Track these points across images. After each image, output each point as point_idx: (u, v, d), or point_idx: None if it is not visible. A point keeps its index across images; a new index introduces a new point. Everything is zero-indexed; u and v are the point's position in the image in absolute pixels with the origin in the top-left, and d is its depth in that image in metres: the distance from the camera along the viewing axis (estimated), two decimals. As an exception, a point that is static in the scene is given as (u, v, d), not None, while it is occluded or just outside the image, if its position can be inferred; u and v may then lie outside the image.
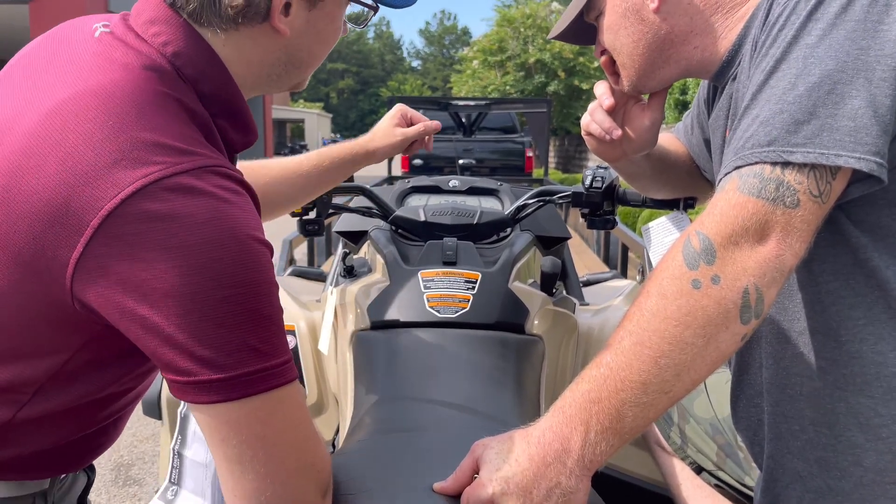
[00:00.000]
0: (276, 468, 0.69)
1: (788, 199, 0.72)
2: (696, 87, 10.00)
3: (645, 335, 0.72)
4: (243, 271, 0.66)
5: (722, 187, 0.75)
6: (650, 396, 0.72)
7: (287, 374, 0.70)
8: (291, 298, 1.64)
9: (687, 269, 0.73)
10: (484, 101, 8.25)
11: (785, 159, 0.72)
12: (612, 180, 1.40)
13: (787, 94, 0.73)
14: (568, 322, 1.43)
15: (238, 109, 0.81)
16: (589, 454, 0.73)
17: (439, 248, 1.34)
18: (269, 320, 0.68)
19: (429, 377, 1.13)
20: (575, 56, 19.38)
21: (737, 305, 0.71)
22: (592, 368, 0.75)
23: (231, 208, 0.68)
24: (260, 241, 0.69)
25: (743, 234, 0.72)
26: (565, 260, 1.83)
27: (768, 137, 0.73)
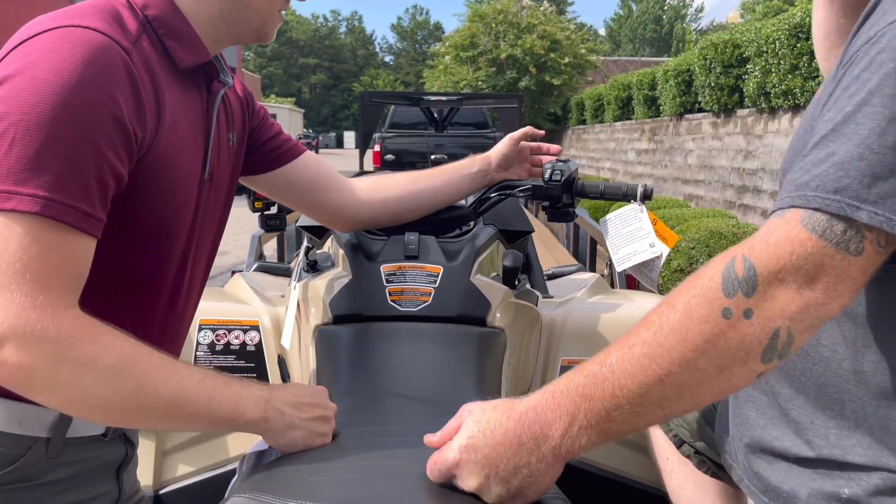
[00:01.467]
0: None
1: (853, 246, 0.67)
2: (664, 83, 10.11)
3: (658, 351, 0.70)
4: (37, 100, 0.75)
5: (783, 214, 0.70)
6: (645, 408, 0.71)
7: (26, 206, 0.73)
8: (256, 293, 1.64)
9: (721, 294, 0.68)
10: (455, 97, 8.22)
11: (848, 215, 0.66)
12: (571, 173, 1.42)
13: (874, 140, 0.67)
14: (530, 314, 1.44)
15: (181, 30, 0.93)
16: (567, 445, 0.72)
17: (401, 242, 1.34)
18: (41, 152, 0.74)
19: (390, 370, 1.14)
20: (546, 52, 19.47)
21: (762, 345, 0.68)
22: (594, 364, 0.73)
23: (61, 54, 0.77)
24: (70, 86, 0.76)
25: (793, 273, 0.67)
26: (529, 253, 1.85)
27: (837, 184, 0.67)
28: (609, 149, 14.18)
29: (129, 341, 0.80)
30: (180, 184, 0.92)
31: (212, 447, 1.44)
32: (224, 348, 1.50)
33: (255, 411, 0.87)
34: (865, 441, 0.81)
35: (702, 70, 8.47)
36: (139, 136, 0.83)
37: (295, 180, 1.27)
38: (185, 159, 0.93)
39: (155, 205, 0.89)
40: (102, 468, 0.96)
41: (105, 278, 0.87)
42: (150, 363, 0.80)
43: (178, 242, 0.96)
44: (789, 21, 6.47)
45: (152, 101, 0.85)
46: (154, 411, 0.80)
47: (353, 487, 0.75)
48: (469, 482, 0.74)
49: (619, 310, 1.59)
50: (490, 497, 0.74)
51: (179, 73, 0.93)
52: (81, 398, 0.77)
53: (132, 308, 0.93)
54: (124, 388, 0.78)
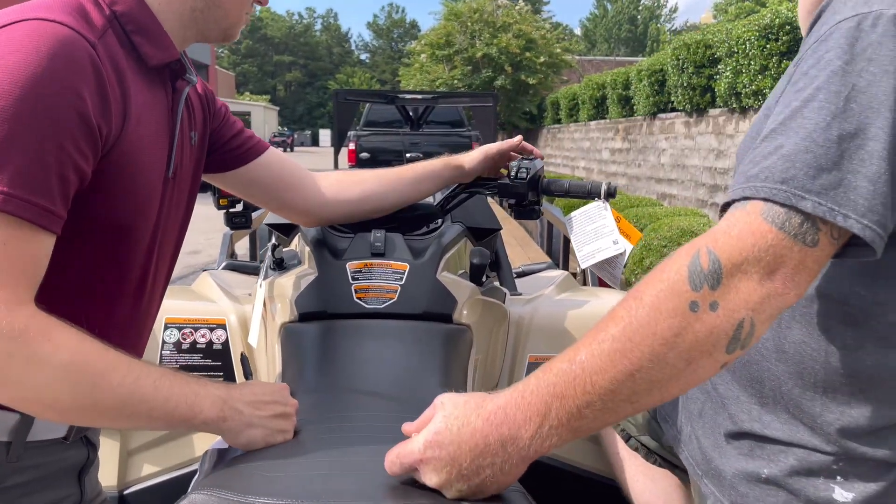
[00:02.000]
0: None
1: (809, 238, 0.69)
2: (638, 83, 10.20)
3: (628, 346, 0.70)
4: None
5: (743, 206, 0.71)
6: (616, 404, 0.71)
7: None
8: (223, 292, 1.63)
9: (688, 287, 0.70)
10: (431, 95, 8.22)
11: (794, 204, 0.69)
12: (537, 171, 1.43)
13: (819, 134, 0.70)
14: (497, 311, 1.45)
15: (149, 27, 0.92)
16: (536, 445, 0.72)
17: (367, 239, 1.34)
18: (1, 146, 0.73)
19: (355, 368, 1.14)
20: (522, 51, 19.53)
21: (728, 336, 0.70)
22: (563, 362, 0.73)
23: (21, 42, 0.76)
24: (34, 80, 0.75)
25: (754, 264, 0.69)
26: (498, 251, 1.86)
27: (784, 175, 0.70)
28: (584, 148, 14.27)
29: (84, 339, 0.79)
30: (144, 181, 0.91)
31: (176, 447, 1.43)
32: (190, 347, 1.49)
33: (212, 411, 0.86)
34: (782, 417, 0.84)
35: (674, 70, 8.55)
36: (104, 132, 0.82)
37: (259, 178, 1.26)
38: (149, 157, 0.92)
39: (119, 202, 0.88)
40: (64, 472, 0.94)
41: (66, 277, 0.86)
42: (104, 361, 0.79)
43: (141, 241, 0.95)
44: (759, 22, 6.56)
45: (118, 98, 0.84)
46: (108, 410, 0.79)
47: (313, 483, 0.76)
48: (431, 478, 0.74)
49: (587, 306, 1.60)
50: (450, 493, 0.75)
51: (146, 70, 0.93)
52: (34, 396, 0.76)
53: (94, 307, 0.92)
54: (77, 387, 0.77)
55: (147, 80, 0.93)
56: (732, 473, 0.88)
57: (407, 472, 0.76)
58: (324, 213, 1.34)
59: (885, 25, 0.71)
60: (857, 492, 0.81)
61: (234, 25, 1.02)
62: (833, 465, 0.82)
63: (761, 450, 0.86)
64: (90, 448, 0.99)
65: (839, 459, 0.82)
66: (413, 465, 0.75)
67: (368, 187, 1.36)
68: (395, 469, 0.77)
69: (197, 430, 0.88)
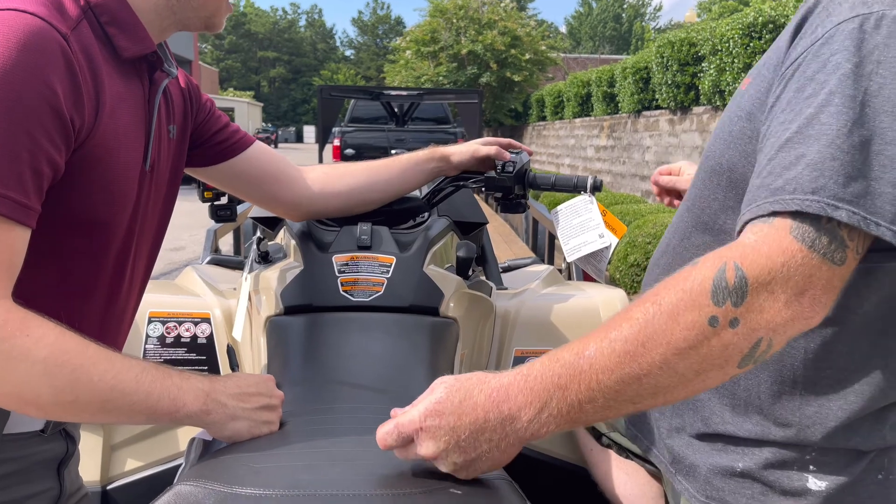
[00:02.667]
0: None
1: (838, 256, 0.68)
2: (622, 81, 10.25)
3: (639, 350, 0.69)
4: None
5: (770, 222, 0.70)
6: (618, 403, 0.72)
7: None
8: (208, 286, 1.62)
9: (710, 301, 0.68)
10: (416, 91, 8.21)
11: (828, 214, 0.67)
12: (523, 165, 1.43)
13: (843, 140, 0.68)
14: (484, 305, 1.45)
15: (124, 18, 0.91)
16: (532, 429, 0.73)
17: (354, 232, 1.34)
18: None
19: (341, 360, 1.13)
20: (507, 48, 19.55)
21: (742, 353, 0.69)
22: (570, 354, 0.73)
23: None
24: (4, 71, 0.74)
25: (782, 284, 0.67)
26: (484, 245, 1.86)
27: (814, 185, 0.68)
28: (569, 145, 14.31)
29: (63, 334, 0.78)
30: (120, 174, 0.91)
31: (160, 441, 1.42)
32: (174, 341, 1.48)
33: (196, 404, 0.86)
34: (755, 418, 0.85)
35: (659, 68, 8.60)
36: (76, 123, 0.81)
37: (245, 172, 1.25)
38: (124, 149, 0.91)
39: (94, 195, 0.87)
40: (42, 465, 0.94)
41: (41, 271, 0.85)
42: (84, 356, 0.78)
43: (117, 234, 0.94)
44: (742, 21, 6.61)
45: (91, 89, 0.83)
46: (89, 405, 0.79)
47: (300, 474, 0.75)
48: (427, 447, 0.73)
49: (572, 300, 1.61)
50: (445, 464, 0.74)
51: (121, 62, 0.91)
52: (13, 392, 0.75)
53: (69, 301, 0.91)
54: (57, 382, 0.76)
55: (122, 72, 0.91)
56: (707, 469, 0.88)
57: (403, 442, 0.75)
58: (311, 207, 1.33)
59: (889, 26, 0.71)
60: (830, 480, 0.82)
61: (214, 14, 1.01)
62: (806, 456, 0.83)
63: (734, 446, 0.87)
64: (69, 441, 0.98)
65: (812, 451, 0.83)
66: (411, 433, 0.74)
67: (355, 180, 1.36)
68: (389, 440, 0.75)
69: (180, 423, 0.87)
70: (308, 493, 0.70)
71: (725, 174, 0.87)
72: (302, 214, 1.35)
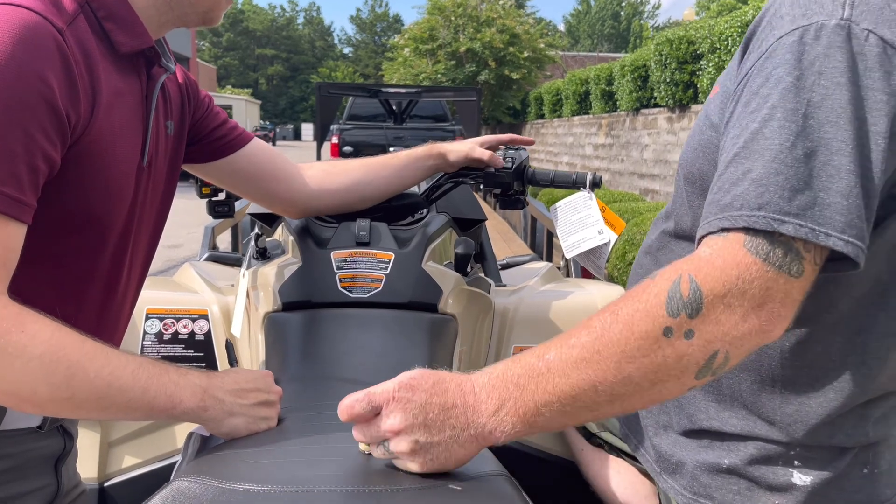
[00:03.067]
0: None
1: (795, 268, 0.68)
2: (621, 79, 10.25)
3: (595, 357, 0.71)
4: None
5: (724, 236, 0.70)
6: (575, 409, 0.72)
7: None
8: (205, 283, 1.61)
9: (665, 312, 0.69)
10: (414, 89, 8.21)
11: (775, 228, 0.68)
12: (523, 161, 1.43)
13: (786, 154, 0.69)
14: (482, 301, 1.45)
15: (122, 13, 0.90)
16: (491, 426, 0.73)
17: (352, 228, 1.34)
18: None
19: (340, 356, 1.13)
20: (505, 46, 19.53)
21: (698, 365, 0.69)
22: (532, 356, 0.74)
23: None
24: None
25: (738, 298, 0.68)
26: (483, 242, 1.86)
27: (760, 200, 0.69)
28: (567, 143, 14.31)
29: (59, 329, 0.77)
30: (116, 170, 0.90)
31: (158, 438, 1.42)
32: (172, 337, 1.48)
33: (193, 400, 0.85)
34: (740, 413, 0.86)
35: (657, 66, 8.60)
36: (72, 119, 0.81)
37: (244, 168, 1.25)
38: (121, 145, 0.91)
39: (90, 191, 0.87)
40: (39, 461, 0.93)
41: (37, 267, 0.85)
42: (81, 353, 0.77)
43: (114, 230, 0.94)
44: (741, 19, 6.61)
45: (87, 85, 0.83)
46: (86, 402, 0.78)
47: (297, 469, 0.75)
48: (395, 419, 0.73)
49: (571, 297, 1.61)
50: (406, 442, 0.73)
51: (119, 57, 0.91)
52: (9, 389, 0.75)
53: (65, 297, 0.90)
54: (54, 379, 0.75)
55: (120, 67, 0.91)
56: (693, 465, 0.89)
57: (368, 412, 0.75)
58: (309, 204, 1.33)
59: (828, 36, 0.71)
60: (814, 475, 0.82)
61: (213, 8, 1.01)
62: (791, 451, 0.83)
63: (720, 442, 0.87)
64: (66, 437, 0.98)
65: (797, 447, 0.83)
66: (381, 403, 0.74)
67: (353, 177, 1.35)
68: (356, 407, 0.75)
69: (177, 420, 0.87)
70: (306, 489, 0.70)
71: (698, 182, 0.88)
72: (300, 211, 1.34)
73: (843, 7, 0.72)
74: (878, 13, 0.72)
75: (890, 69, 0.70)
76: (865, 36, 0.71)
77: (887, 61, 0.70)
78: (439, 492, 0.73)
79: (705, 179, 0.85)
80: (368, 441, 0.76)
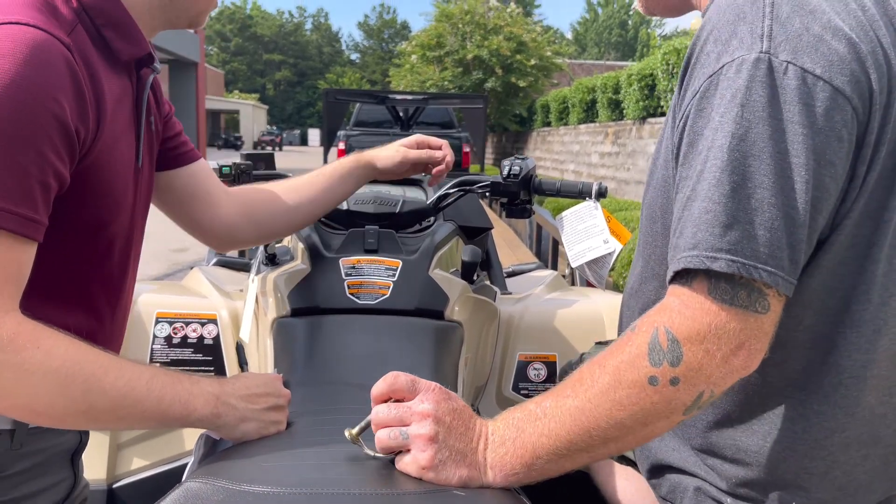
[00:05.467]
0: None
1: (760, 305, 0.71)
2: (628, 87, 10.26)
3: (588, 406, 0.75)
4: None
5: (689, 284, 0.73)
6: (571, 452, 0.76)
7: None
8: (214, 287, 1.63)
9: (648, 363, 0.72)
10: (421, 96, 8.25)
11: (708, 266, 0.70)
12: (529, 170, 1.44)
13: (713, 191, 0.71)
14: (488, 309, 1.47)
15: (120, 20, 0.91)
16: (492, 460, 0.78)
17: (361, 236, 1.35)
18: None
19: (347, 362, 1.15)
20: (512, 54, 19.58)
21: (686, 405, 0.73)
22: (531, 404, 0.79)
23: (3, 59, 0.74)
24: (10, 88, 0.73)
25: (715, 343, 0.71)
26: (489, 250, 1.87)
27: (694, 240, 0.72)
28: (573, 151, 14.32)
29: (73, 344, 0.79)
30: (119, 176, 0.91)
31: (167, 441, 1.43)
32: (181, 341, 1.49)
33: (206, 408, 0.86)
34: (694, 449, 0.90)
35: (664, 75, 8.61)
36: (81, 135, 0.82)
37: (181, 186, 1.18)
38: (120, 150, 0.92)
39: (98, 200, 0.88)
40: (58, 456, 0.95)
41: (49, 279, 0.86)
42: (96, 366, 0.79)
43: (119, 235, 0.95)
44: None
45: (92, 97, 0.83)
46: (102, 413, 0.79)
47: (306, 472, 0.76)
48: (427, 405, 0.78)
49: (576, 306, 1.62)
50: (427, 428, 0.77)
51: (115, 62, 0.91)
52: (27, 404, 0.76)
53: (75, 307, 0.91)
54: (71, 393, 0.77)
55: (115, 71, 0.91)
56: (679, 478, 0.92)
57: (410, 388, 0.80)
58: (233, 236, 1.25)
59: (748, 70, 0.72)
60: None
61: (203, 12, 1.02)
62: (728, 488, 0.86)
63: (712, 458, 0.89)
64: (82, 432, 1.00)
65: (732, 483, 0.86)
66: (422, 389, 0.80)
67: (278, 207, 1.28)
68: (400, 379, 0.80)
69: (191, 426, 0.88)
70: (314, 492, 0.71)
71: (659, 221, 0.90)
72: (219, 243, 1.27)
73: (761, 40, 0.73)
74: (796, 41, 0.73)
75: (809, 100, 0.72)
76: (784, 68, 0.72)
77: (807, 92, 0.72)
78: (444, 496, 0.74)
79: (666, 216, 0.87)
80: (388, 422, 0.79)
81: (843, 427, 0.81)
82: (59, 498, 0.95)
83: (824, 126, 0.72)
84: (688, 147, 0.77)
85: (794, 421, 0.82)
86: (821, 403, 0.81)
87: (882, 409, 0.83)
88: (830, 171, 0.73)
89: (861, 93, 0.74)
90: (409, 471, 0.77)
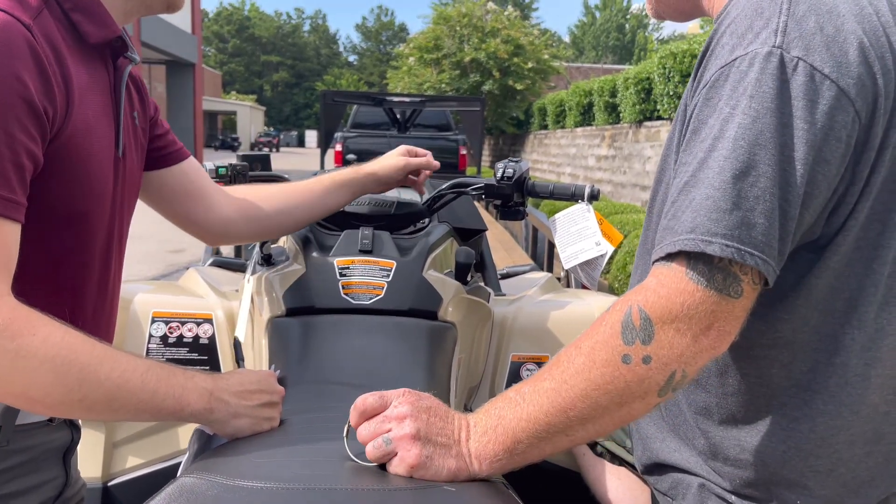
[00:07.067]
0: None
1: (734, 290, 0.73)
2: (624, 91, 10.29)
3: (563, 387, 0.76)
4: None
5: (668, 265, 0.75)
6: (551, 434, 0.78)
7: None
8: (210, 287, 1.64)
9: (620, 342, 0.74)
10: (418, 98, 8.25)
11: (702, 249, 0.72)
12: (523, 173, 1.46)
13: (715, 177, 0.73)
14: (481, 310, 1.48)
15: (88, 3, 0.90)
16: (476, 451, 0.79)
17: (356, 236, 1.37)
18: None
19: (341, 361, 1.16)
20: (510, 57, 19.61)
21: (659, 385, 0.75)
22: (511, 391, 0.81)
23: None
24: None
25: (686, 322, 0.72)
26: (483, 252, 1.89)
27: (692, 224, 0.73)
28: (570, 154, 14.35)
29: (69, 332, 0.79)
30: (96, 163, 0.91)
31: (162, 439, 1.44)
32: (177, 341, 1.50)
33: (200, 403, 0.87)
34: (700, 444, 0.90)
35: (661, 78, 8.64)
36: (49, 114, 0.81)
37: (173, 185, 1.19)
38: (97, 137, 0.91)
39: (74, 187, 0.88)
40: (49, 454, 0.96)
41: (33, 270, 0.86)
42: (91, 355, 0.79)
43: (101, 225, 0.95)
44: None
45: (59, 79, 0.83)
46: (96, 403, 0.80)
47: (299, 468, 0.78)
48: (402, 408, 0.80)
49: (569, 307, 1.63)
50: (408, 428, 0.78)
51: (85, 49, 0.91)
52: (21, 391, 0.76)
53: (64, 298, 0.92)
54: (66, 381, 0.77)
55: (87, 58, 0.91)
56: (676, 475, 0.93)
57: (379, 404, 0.81)
58: (227, 231, 1.27)
59: (760, 63, 0.74)
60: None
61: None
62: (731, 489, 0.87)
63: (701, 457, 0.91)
64: (74, 430, 1.00)
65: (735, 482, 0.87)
66: (391, 398, 0.82)
67: (274, 207, 1.30)
68: (368, 400, 0.81)
69: (185, 421, 0.89)
70: (307, 487, 0.72)
71: None
72: (214, 238, 1.29)
73: (775, 35, 0.75)
74: (809, 39, 0.75)
75: (814, 97, 0.73)
76: (795, 64, 0.74)
77: (813, 90, 0.74)
78: (434, 492, 0.75)
79: None
80: (371, 436, 0.80)
81: (848, 425, 0.82)
82: (50, 496, 0.96)
83: (825, 124, 0.74)
84: (691, 134, 0.79)
85: (800, 420, 0.83)
86: (826, 402, 0.82)
87: (886, 406, 0.84)
88: (825, 169, 0.75)
89: (865, 96, 0.75)
90: (400, 472, 0.78)
